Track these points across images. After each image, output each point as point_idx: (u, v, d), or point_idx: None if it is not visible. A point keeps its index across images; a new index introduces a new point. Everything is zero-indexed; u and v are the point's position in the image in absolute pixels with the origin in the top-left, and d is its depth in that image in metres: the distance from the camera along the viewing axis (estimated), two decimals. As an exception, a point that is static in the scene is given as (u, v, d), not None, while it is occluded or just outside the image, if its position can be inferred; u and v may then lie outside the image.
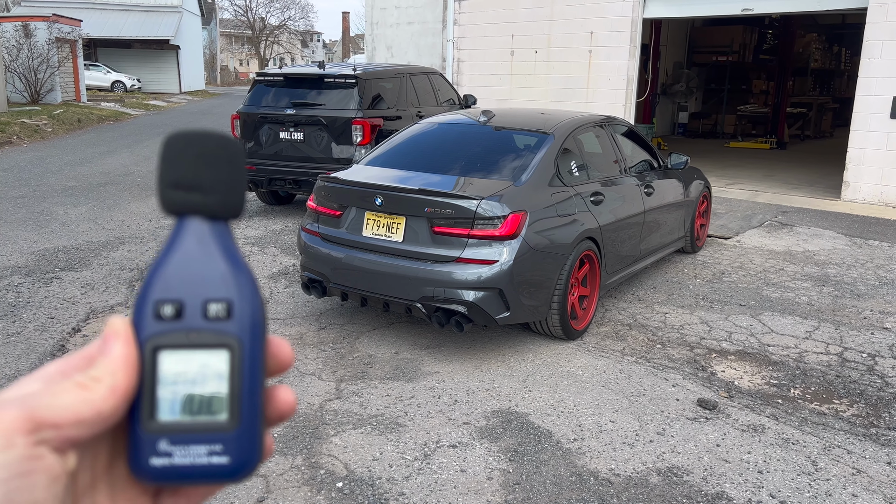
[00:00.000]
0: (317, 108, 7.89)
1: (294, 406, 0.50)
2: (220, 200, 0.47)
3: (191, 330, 0.46)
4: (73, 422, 0.41)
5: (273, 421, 0.49)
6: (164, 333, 0.46)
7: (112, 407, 0.43)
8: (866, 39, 9.50)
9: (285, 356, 0.50)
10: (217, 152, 0.47)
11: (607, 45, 12.29)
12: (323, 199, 4.78)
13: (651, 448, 3.46)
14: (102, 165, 11.79)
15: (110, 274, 5.98)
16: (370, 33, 17.64)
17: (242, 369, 0.46)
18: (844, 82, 21.39)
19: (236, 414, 0.46)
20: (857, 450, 3.47)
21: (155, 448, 0.45)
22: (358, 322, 5.04)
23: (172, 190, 0.47)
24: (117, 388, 0.43)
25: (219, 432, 0.45)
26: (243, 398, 0.46)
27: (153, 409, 0.45)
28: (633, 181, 5.58)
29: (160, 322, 0.46)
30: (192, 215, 0.47)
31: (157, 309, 0.46)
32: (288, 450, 3.39)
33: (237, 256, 0.48)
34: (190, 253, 0.47)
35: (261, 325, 0.47)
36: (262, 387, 0.47)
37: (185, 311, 0.46)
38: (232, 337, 0.46)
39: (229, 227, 0.48)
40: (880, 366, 4.44)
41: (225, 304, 0.46)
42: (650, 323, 5.11)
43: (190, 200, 0.47)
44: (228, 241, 0.48)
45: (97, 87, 30.35)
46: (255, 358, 0.46)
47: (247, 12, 64.14)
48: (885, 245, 7.49)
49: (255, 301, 0.47)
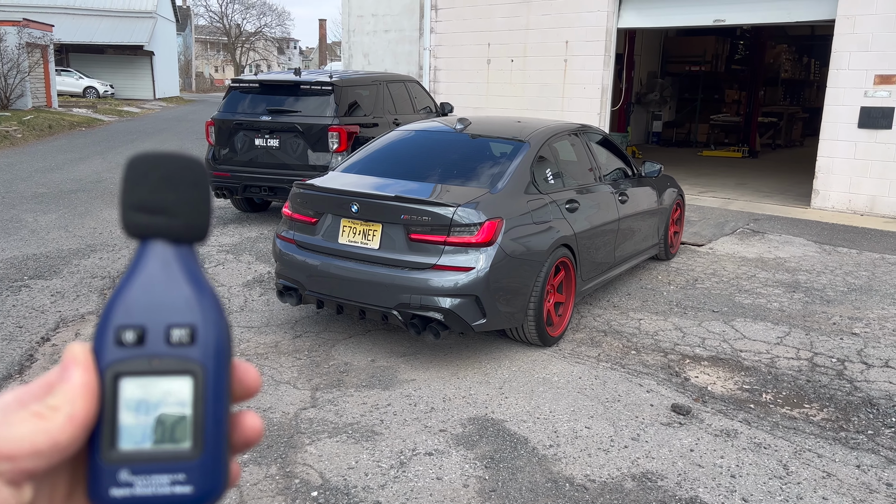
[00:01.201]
0: (293, 114, 7.86)
1: (261, 432, 0.49)
2: (185, 223, 0.46)
3: (153, 356, 0.45)
4: (29, 453, 0.40)
5: (239, 448, 0.48)
6: (126, 360, 0.44)
7: (70, 437, 0.42)
8: (834, 51, 9.71)
9: (252, 381, 0.49)
10: (182, 174, 0.46)
11: (582, 54, 12.41)
12: (298, 206, 4.75)
13: (626, 453, 3.48)
14: (74, 172, 11.62)
15: (81, 282, 5.89)
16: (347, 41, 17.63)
17: (206, 396, 0.45)
18: (814, 92, 21.82)
19: (200, 442, 0.45)
20: (827, 453, 3.53)
21: (115, 478, 0.44)
22: (334, 330, 5.01)
23: (135, 212, 0.46)
24: (76, 417, 0.42)
25: (182, 461, 0.44)
26: (207, 425, 0.45)
27: (113, 437, 0.44)
28: (608, 189, 5.63)
29: (121, 348, 0.45)
30: (155, 238, 0.46)
31: (119, 335, 0.45)
32: (262, 459, 3.36)
33: (202, 280, 0.47)
34: (153, 277, 0.46)
35: (226, 350, 0.46)
36: (227, 413, 0.46)
37: (148, 337, 0.45)
38: (195, 363, 0.45)
39: (194, 250, 0.47)
40: (849, 370, 4.52)
41: (188, 329, 0.45)
42: (625, 329, 5.16)
43: (154, 223, 0.46)
44: (193, 264, 0.47)
45: (69, 93, 29.90)
46: (219, 384, 0.46)
47: (222, 19, 63.75)
48: (854, 252, 7.63)
49: (221, 326, 0.46)
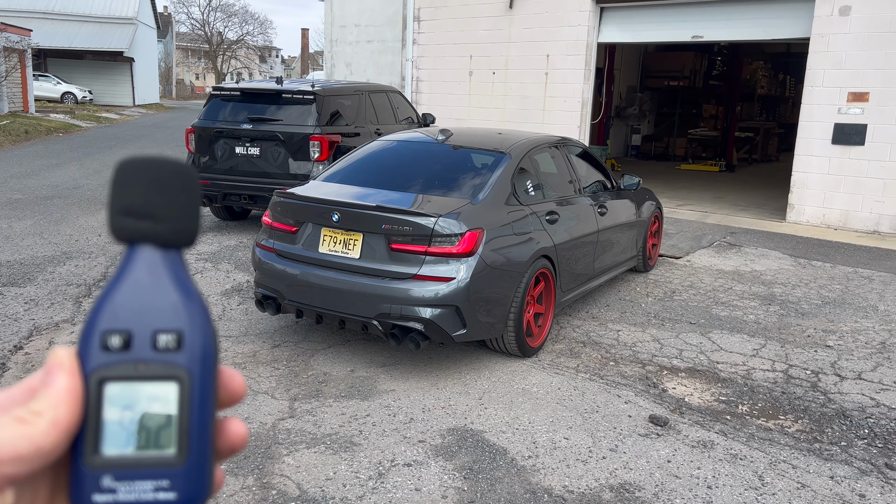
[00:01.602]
0: (274, 123, 7.84)
1: (246, 439, 0.49)
2: (173, 228, 0.46)
3: (139, 361, 0.45)
4: (12, 458, 0.40)
5: (223, 454, 0.48)
6: (111, 365, 0.44)
7: (53, 442, 0.41)
8: (809, 68, 9.91)
9: (237, 387, 0.49)
10: (171, 179, 0.46)
11: (563, 67, 12.53)
12: (279, 214, 4.74)
13: (604, 464, 3.50)
14: (50, 178, 11.47)
15: (56, 290, 5.80)
16: (329, 50, 17.64)
17: (192, 402, 0.45)
18: (789, 108, 22.20)
19: (185, 448, 0.45)
20: (801, 465, 3.57)
21: (98, 484, 0.43)
22: (313, 340, 4.98)
23: (123, 217, 0.46)
24: (59, 422, 0.42)
25: (166, 467, 0.44)
26: (192, 432, 0.45)
27: (97, 443, 0.44)
28: (588, 201, 5.68)
29: (107, 353, 0.44)
30: (143, 243, 0.46)
31: (105, 339, 0.44)
32: (239, 470, 3.33)
33: (189, 286, 0.47)
34: (140, 282, 0.46)
35: (212, 356, 0.46)
36: (212, 420, 0.46)
37: (134, 342, 0.45)
38: (182, 369, 0.45)
39: (182, 255, 0.47)
40: (823, 382, 4.59)
41: (175, 334, 0.45)
42: (603, 340, 5.19)
43: (141, 228, 0.46)
44: (181, 269, 0.47)
45: (46, 98, 29.57)
46: (205, 390, 0.45)
47: (204, 26, 63.46)
48: (828, 266, 7.76)
49: (207, 331, 0.46)
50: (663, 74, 19.32)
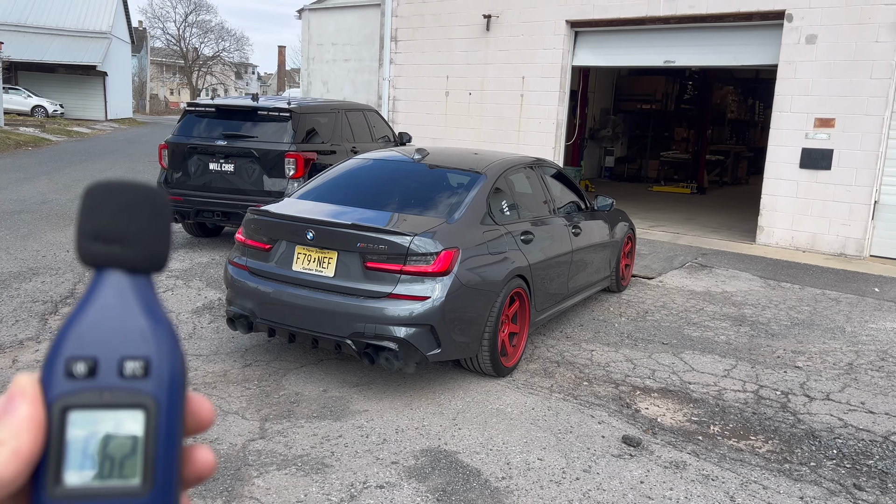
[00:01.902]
0: (249, 139, 7.79)
1: (213, 466, 0.48)
2: (142, 254, 0.46)
3: (104, 389, 0.44)
4: None
5: (190, 482, 0.48)
6: (75, 393, 0.43)
7: (14, 472, 0.40)
8: (777, 94, 10.14)
9: (205, 415, 0.48)
10: (141, 204, 0.46)
11: (538, 90, 12.68)
12: (252, 232, 4.69)
13: (577, 485, 3.49)
14: (17, 192, 11.25)
15: (21, 306, 5.67)
16: (306, 68, 17.65)
17: (158, 430, 0.44)
18: (758, 132, 22.67)
19: (150, 477, 0.44)
20: (772, 485, 3.60)
21: None
22: (285, 359, 4.92)
23: (91, 241, 0.45)
24: (20, 452, 0.41)
25: (130, 497, 0.43)
26: (158, 461, 0.44)
27: (59, 473, 0.42)
28: (562, 221, 5.72)
29: (71, 380, 0.43)
30: (111, 268, 0.46)
31: (69, 366, 0.43)
32: (207, 492, 3.26)
33: (158, 312, 0.46)
34: (107, 307, 0.45)
35: (180, 383, 0.45)
36: (178, 448, 0.45)
37: (100, 369, 0.44)
38: (148, 396, 0.44)
39: (151, 280, 0.47)
40: (793, 403, 4.64)
41: (142, 361, 0.44)
42: (577, 360, 5.20)
43: (110, 253, 0.45)
44: (149, 295, 0.46)
45: (16, 112, 29.09)
46: (172, 418, 0.45)
47: (179, 42, 63.14)
48: (797, 287, 7.89)
49: (175, 358, 0.46)
50: (636, 98, 19.65)
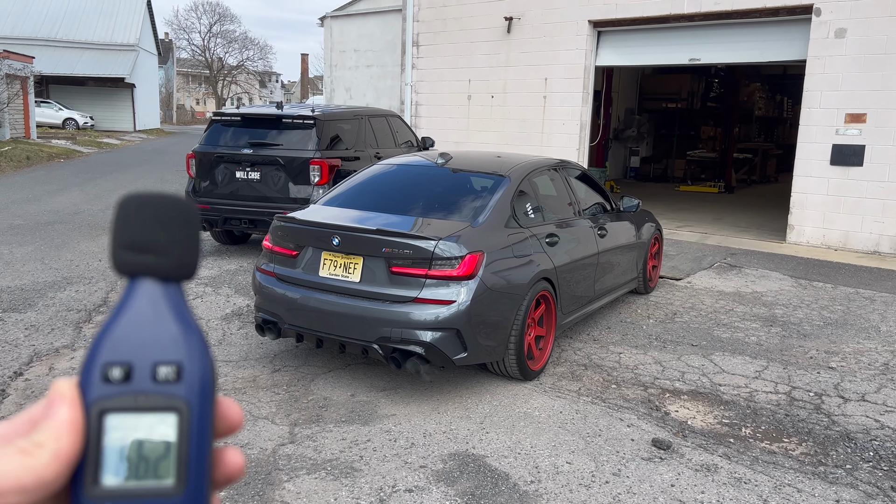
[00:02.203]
0: (274, 147, 7.88)
1: (243, 469, 0.50)
2: (174, 263, 0.47)
3: (139, 393, 0.45)
4: (14, 489, 0.40)
5: (220, 484, 0.49)
6: (112, 397, 0.45)
7: (55, 473, 0.42)
8: (806, 90, 9.98)
9: (235, 418, 0.50)
10: (172, 214, 0.47)
11: (561, 91, 12.63)
12: (279, 238, 4.74)
13: (607, 489, 3.46)
14: (51, 203, 11.50)
15: (56, 315, 5.79)
16: (329, 75, 17.79)
17: (190, 433, 0.46)
18: (787, 129, 22.33)
19: (183, 478, 0.45)
20: (806, 488, 3.53)
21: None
22: (313, 364, 4.96)
23: (125, 251, 0.47)
24: (61, 453, 0.42)
25: (165, 497, 0.45)
26: (191, 462, 0.45)
27: (97, 474, 0.44)
28: (587, 223, 5.69)
29: (108, 385, 0.45)
30: (144, 277, 0.47)
31: (105, 371, 0.45)
32: (239, 497, 3.29)
33: (189, 318, 0.48)
34: (141, 315, 0.47)
35: (210, 387, 0.47)
36: (209, 450, 0.47)
37: (134, 374, 0.45)
38: (181, 400, 0.46)
39: (182, 288, 0.48)
40: (827, 404, 4.56)
41: (175, 366, 0.46)
42: (605, 363, 5.16)
43: (142, 262, 0.47)
44: (181, 302, 0.48)
45: (48, 125, 29.77)
46: (203, 421, 0.46)
47: (204, 52, 64.07)
48: (829, 286, 7.75)
49: (206, 363, 0.47)
50: (661, 97, 19.48)
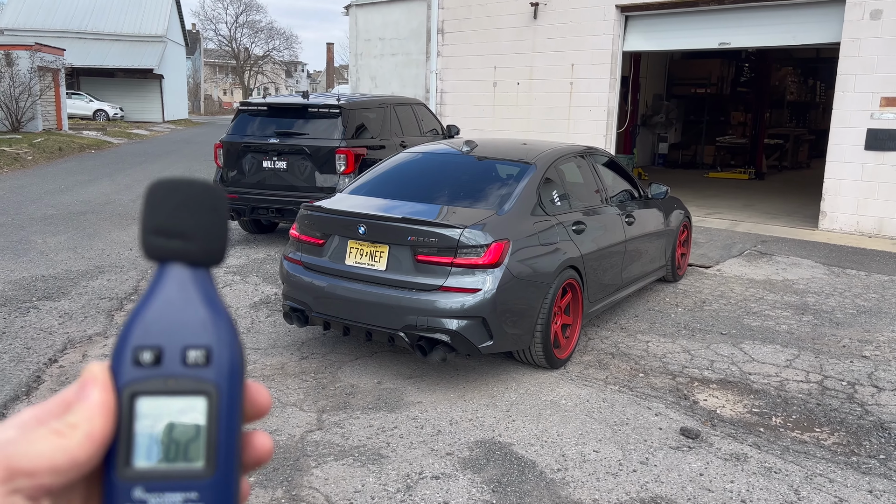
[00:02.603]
0: (300, 137, 7.92)
1: (271, 452, 0.50)
2: (202, 248, 0.47)
3: (169, 376, 0.46)
4: (48, 470, 0.41)
5: (249, 466, 0.49)
6: (143, 380, 0.45)
7: (87, 454, 0.42)
8: (840, 73, 9.75)
9: (263, 402, 0.50)
10: (200, 200, 0.47)
11: (588, 77, 12.49)
12: (306, 227, 4.77)
13: (635, 477, 3.44)
14: (83, 194, 11.71)
15: (89, 303, 5.90)
16: (354, 64, 17.81)
17: (220, 416, 0.46)
18: (820, 114, 21.86)
19: (213, 461, 0.45)
20: (838, 478, 3.48)
21: (130, 495, 0.44)
22: (340, 352, 5.00)
23: (154, 236, 0.47)
24: (94, 435, 0.43)
25: (195, 479, 0.45)
26: (220, 445, 0.46)
27: (129, 455, 0.45)
28: (615, 211, 5.63)
29: (139, 368, 0.45)
30: (173, 261, 0.48)
31: (136, 355, 0.46)
32: (268, 482, 3.34)
33: (218, 303, 0.48)
34: (170, 299, 0.47)
35: (239, 371, 0.47)
36: (239, 433, 0.47)
37: (164, 358, 0.46)
38: (210, 384, 0.46)
39: (210, 273, 0.49)
40: (860, 394, 4.47)
41: (204, 350, 0.46)
42: (633, 352, 5.13)
43: (171, 247, 0.47)
44: (209, 287, 0.48)
45: (79, 116, 30.25)
46: (232, 405, 0.47)
47: (231, 42, 64.50)
48: (863, 274, 7.59)
49: (235, 347, 0.47)
50: (690, 82, 19.16)
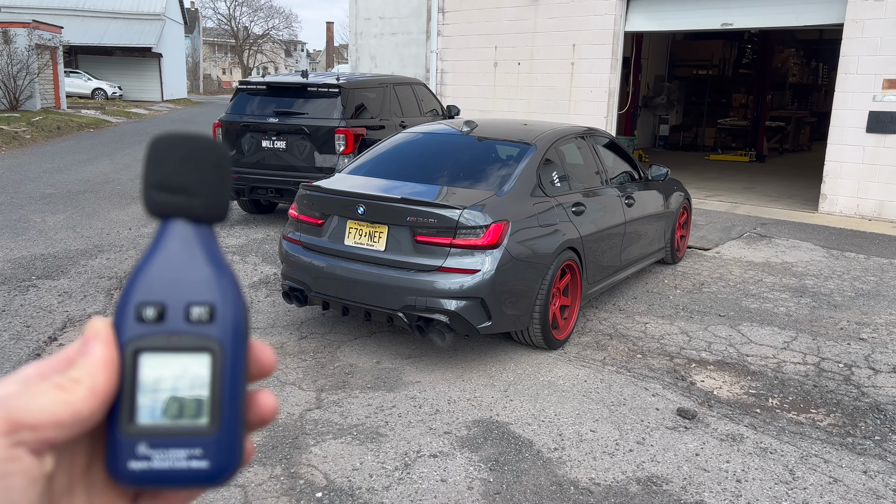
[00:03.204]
0: (300, 116, 7.88)
1: (275, 410, 0.49)
2: (205, 203, 0.47)
3: (172, 333, 0.45)
4: (51, 424, 0.41)
5: (254, 426, 0.49)
6: (146, 336, 0.45)
7: (91, 409, 0.42)
8: (843, 55, 9.68)
9: (267, 361, 0.50)
10: (203, 155, 0.47)
11: (589, 57, 12.41)
12: (305, 207, 4.76)
13: (631, 457, 3.47)
14: (82, 173, 11.67)
15: (88, 282, 5.91)
16: (354, 43, 17.68)
17: (224, 373, 0.46)
18: (822, 96, 21.75)
19: (217, 418, 0.45)
20: (833, 459, 3.51)
21: (133, 451, 0.44)
22: (339, 331, 5.01)
23: (157, 191, 0.46)
24: (97, 390, 0.43)
25: (199, 436, 0.45)
26: (224, 402, 0.45)
27: (132, 412, 0.45)
28: (615, 192, 5.62)
29: (142, 324, 0.45)
30: (176, 218, 0.47)
31: (139, 311, 0.45)
32: (267, 459, 3.36)
33: (221, 260, 0.48)
34: (173, 255, 0.46)
35: (243, 329, 0.47)
36: (243, 391, 0.47)
37: (168, 314, 0.45)
38: (214, 341, 0.46)
39: (213, 230, 0.48)
40: (856, 376, 4.50)
41: (207, 307, 0.46)
42: (631, 333, 5.14)
43: (174, 203, 0.46)
44: (212, 244, 0.48)
45: (77, 95, 30.06)
46: (236, 362, 0.46)
47: (230, 21, 63.99)
48: (862, 257, 7.60)
49: (238, 305, 0.47)
50: (692, 63, 19.04)
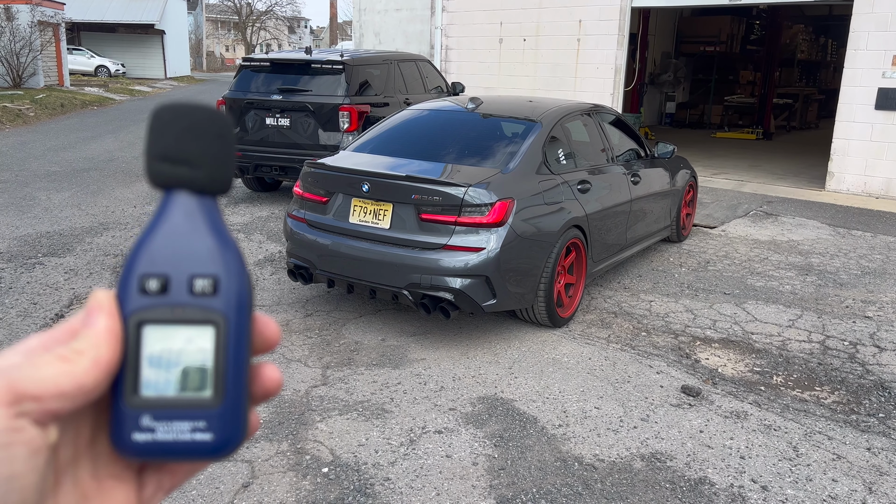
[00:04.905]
0: (304, 94, 7.83)
1: (280, 383, 0.49)
2: (208, 175, 0.46)
3: (176, 305, 0.45)
4: (55, 394, 0.40)
5: (258, 399, 0.49)
6: (149, 308, 0.45)
7: (94, 380, 0.42)
8: (852, 31, 9.55)
9: (272, 334, 0.49)
10: (206, 126, 0.46)
11: (595, 33, 12.28)
12: (309, 185, 4.75)
13: (635, 434, 3.49)
14: (86, 150, 11.66)
15: (94, 260, 5.93)
16: (358, 20, 17.52)
17: (228, 346, 0.45)
18: (830, 73, 21.53)
19: (221, 391, 0.45)
20: (837, 436, 3.52)
21: (138, 423, 0.44)
22: (344, 309, 5.03)
23: (160, 162, 0.46)
24: (100, 361, 0.42)
25: (203, 409, 0.45)
26: (228, 375, 0.45)
27: (136, 383, 0.44)
28: (620, 170, 5.59)
29: (145, 296, 0.45)
30: (179, 189, 0.46)
31: (143, 283, 0.45)
32: (273, 435, 3.39)
33: (224, 232, 0.47)
34: (177, 227, 0.46)
35: (247, 301, 0.46)
36: (247, 364, 0.46)
37: (171, 286, 0.45)
38: (217, 313, 0.45)
39: (217, 202, 0.48)
40: (861, 354, 4.50)
41: (211, 279, 0.45)
42: (635, 311, 5.15)
43: (177, 174, 0.46)
44: (216, 216, 0.47)
45: (81, 72, 29.92)
46: (240, 335, 0.46)
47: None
48: (868, 235, 7.56)
49: (242, 277, 0.46)
50: (699, 40, 18.81)
